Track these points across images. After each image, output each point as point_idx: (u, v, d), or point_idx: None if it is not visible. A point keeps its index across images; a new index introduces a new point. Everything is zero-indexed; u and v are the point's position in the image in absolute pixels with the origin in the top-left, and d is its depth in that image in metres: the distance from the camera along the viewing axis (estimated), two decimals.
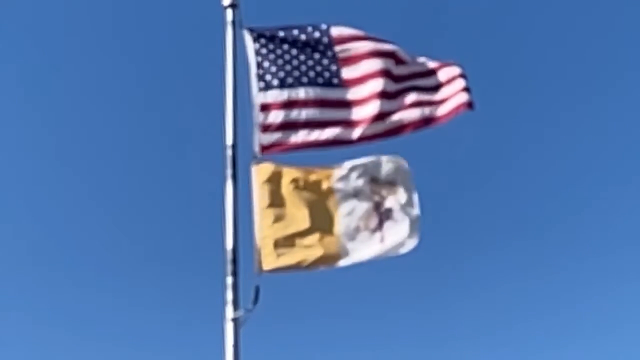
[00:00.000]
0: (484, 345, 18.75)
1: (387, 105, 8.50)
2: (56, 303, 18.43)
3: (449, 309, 19.00)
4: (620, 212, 20.47)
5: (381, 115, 8.45)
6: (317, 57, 8.62)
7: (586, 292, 19.94)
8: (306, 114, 8.39)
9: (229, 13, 8.65)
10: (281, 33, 8.67)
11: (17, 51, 19.78)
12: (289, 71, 8.52)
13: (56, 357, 18.23)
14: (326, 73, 8.58)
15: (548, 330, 18.89)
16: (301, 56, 8.60)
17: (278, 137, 8.29)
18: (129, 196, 19.74)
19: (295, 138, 8.32)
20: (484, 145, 20.57)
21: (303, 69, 8.55)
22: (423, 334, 18.92)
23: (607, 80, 21.43)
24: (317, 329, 18.39)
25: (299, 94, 8.44)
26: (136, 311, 18.58)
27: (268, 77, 8.47)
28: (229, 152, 8.13)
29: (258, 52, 8.56)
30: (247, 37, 8.61)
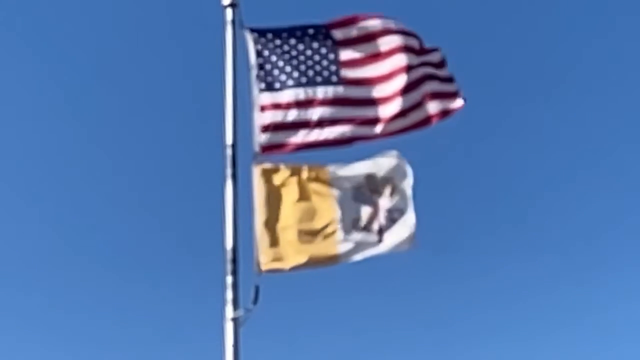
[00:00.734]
0: (484, 345, 18.78)
1: (395, 104, 8.51)
2: (54, 303, 18.45)
3: (449, 309, 19.03)
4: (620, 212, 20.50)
5: (402, 112, 8.48)
6: (318, 58, 8.63)
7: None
8: (306, 114, 8.40)
9: (229, 12, 8.64)
10: (282, 33, 8.67)
11: (18, 51, 19.80)
12: (290, 72, 8.53)
13: (53, 357, 18.24)
14: (326, 73, 8.58)
15: (546, 329, 18.90)
16: (302, 56, 8.60)
17: (278, 137, 8.31)
18: (129, 196, 19.74)
19: (295, 138, 8.34)
20: (484, 144, 20.60)
21: (303, 69, 8.56)
22: (423, 334, 18.94)
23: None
24: (317, 329, 18.41)
25: (300, 95, 8.45)
26: (136, 310, 18.59)
27: (269, 78, 8.48)
28: (229, 152, 8.13)
29: (259, 53, 8.55)
30: (248, 38, 8.61)
